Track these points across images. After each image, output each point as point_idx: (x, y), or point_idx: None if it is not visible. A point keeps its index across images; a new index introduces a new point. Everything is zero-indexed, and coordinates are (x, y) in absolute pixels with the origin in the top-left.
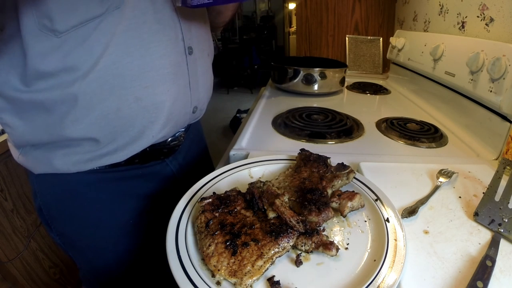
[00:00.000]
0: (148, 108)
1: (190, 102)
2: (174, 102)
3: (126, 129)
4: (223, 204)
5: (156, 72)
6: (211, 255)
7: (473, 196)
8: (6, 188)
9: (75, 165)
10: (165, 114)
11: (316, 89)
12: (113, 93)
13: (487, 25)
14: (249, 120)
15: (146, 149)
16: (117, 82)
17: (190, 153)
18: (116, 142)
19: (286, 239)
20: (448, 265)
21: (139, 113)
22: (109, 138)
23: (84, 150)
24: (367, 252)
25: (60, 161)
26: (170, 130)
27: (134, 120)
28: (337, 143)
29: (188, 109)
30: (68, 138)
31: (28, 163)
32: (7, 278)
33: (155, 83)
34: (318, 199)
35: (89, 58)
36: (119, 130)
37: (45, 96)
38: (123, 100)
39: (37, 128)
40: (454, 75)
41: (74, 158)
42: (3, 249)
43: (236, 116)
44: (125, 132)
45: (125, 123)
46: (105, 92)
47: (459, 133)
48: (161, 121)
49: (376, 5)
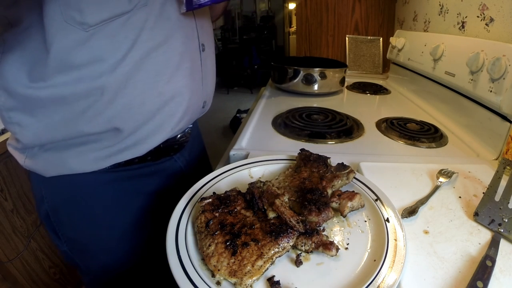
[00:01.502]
0: (169, 102)
1: (202, 96)
2: (191, 96)
3: (147, 122)
4: (223, 204)
5: (177, 67)
6: (211, 255)
7: (473, 196)
8: (6, 188)
9: (93, 163)
10: (184, 108)
11: (316, 89)
12: (137, 87)
13: (487, 25)
14: (249, 120)
15: (160, 145)
16: (142, 76)
17: (194, 149)
18: (136, 135)
19: (286, 239)
20: (448, 265)
21: (160, 107)
22: (130, 131)
23: (103, 145)
24: (367, 252)
25: (75, 159)
26: (185, 124)
27: (155, 114)
28: (337, 143)
29: (200, 103)
30: (87, 133)
31: (37, 166)
32: (7, 278)
33: (176, 78)
34: (318, 199)
35: (117, 53)
36: (141, 123)
37: (67, 90)
38: (147, 94)
39: (52, 125)
40: (454, 75)
41: (91, 155)
42: (3, 249)
43: (236, 116)
44: (146, 125)
45: (147, 116)
46: (130, 86)
47: (459, 133)
48: (179, 114)
49: (376, 5)
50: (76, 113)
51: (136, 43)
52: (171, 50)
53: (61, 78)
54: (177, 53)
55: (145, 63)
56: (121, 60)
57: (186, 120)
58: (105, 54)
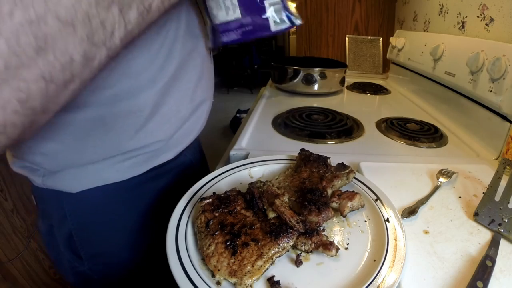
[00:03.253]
0: (200, 106)
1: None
2: (210, 99)
3: (181, 127)
4: (223, 204)
5: (202, 71)
6: (211, 255)
7: (473, 196)
8: (6, 188)
9: (130, 170)
10: (208, 109)
11: (316, 89)
12: (174, 97)
13: (487, 25)
14: (249, 120)
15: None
16: (177, 85)
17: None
18: (172, 141)
19: (286, 239)
20: (448, 265)
21: (192, 111)
22: (167, 138)
23: (140, 153)
24: (367, 252)
25: (111, 169)
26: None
27: (188, 119)
28: (337, 143)
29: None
30: (126, 150)
31: (61, 184)
32: (7, 278)
33: (202, 81)
34: (318, 199)
35: (154, 65)
36: (176, 129)
37: (105, 111)
38: (181, 102)
39: (86, 148)
40: (454, 75)
41: (127, 163)
42: (3, 249)
43: (236, 116)
44: (180, 130)
45: (181, 122)
46: (168, 98)
47: (459, 133)
48: (205, 115)
49: (376, 5)
50: (115, 132)
51: (171, 52)
52: (197, 54)
53: (97, 98)
54: (201, 57)
55: (180, 72)
56: (159, 72)
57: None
58: (141, 68)
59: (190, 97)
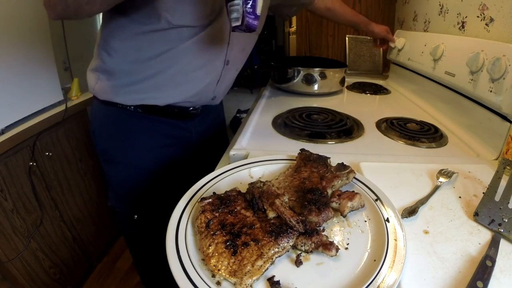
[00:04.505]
0: (187, 83)
1: (213, 92)
2: (204, 87)
3: (172, 88)
4: (223, 204)
5: (201, 67)
6: (211, 255)
7: (473, 196)
8: (6, 188)
9: (132, 100)
10: (194, 92)
11: (316, 89)
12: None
13: (487, 25)
14: (249, 120)
15: (175, 109)
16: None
17: (204, 124)
18: (164, 92)
19: (286, 239)
20: (448, 265)
21: (182, 83)
22: (161, 87)
23: (142, 90)
24: (367, 252)
25: (119, 92)
26: (195, 101)
27: (177, 85)
28: (337, 143)
29: (210, 95)
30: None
31: (97, 90)
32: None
33: (197, 72)
34: (318, 199)
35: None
36: (169, 86)
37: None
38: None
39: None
40: (454, 75)
41: (133, 95)
42: (3, 249)
43: (236, 116)
44: (171, 89)
45: (173, 84)
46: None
47: (459, 133)
48: (190, 94)
49: (376, 5)
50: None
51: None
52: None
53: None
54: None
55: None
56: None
57: (196, 99)
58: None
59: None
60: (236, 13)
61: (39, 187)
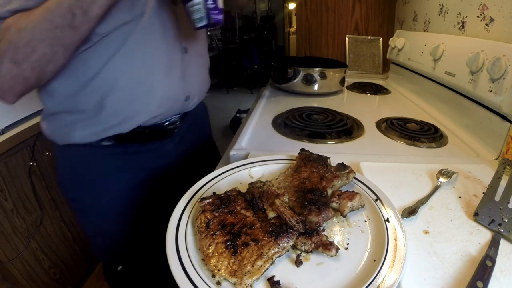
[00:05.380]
0: (146, 91)
1: (182, 91)
2: (168, 90)
3: (129, 104)
4: (223, 204)
5: (156, 64)
6: (211, 255)
7: (473, 196)
8: (6, 188)
9: (91, 136)
10: (159, 98)
11: (316, 89)
12: (124, 76)
13: (487, 25)
14: (249, 120)
15: (146, 130)
16: (128, 68)
17: (187, 138)
18: (122, 114)
19: (286, 239)
20: (448, 265)
21: (139, 93)
22: (119, 111)
23: (99, 122)
24: (367, 252)
25: (78, 132)
26: (166, 112)
27: (136, 98)
28: (337, 143)
29: (180, 97)
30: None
31: (54, 136)
32: (7, 278)
33: (153, 72)
34: (318, 199)
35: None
36: (125, 104)
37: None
38: (131, 80)
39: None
40: (454, 75)
41: (90, 130)
42: (3, 249)
43: (236, 116)
44: (129, 107)
45: (129, 99)
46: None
47: (459, 133)
48: (156, 102)
49: (376, 5)
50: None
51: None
52: (153, 49)
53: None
54: (157, 53)
55: (131, 60)
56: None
57: (165, 109)
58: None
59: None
60: (198, 13)
61: (39, 187)
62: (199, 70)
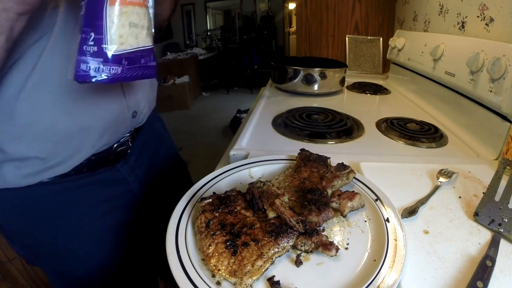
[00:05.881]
0: (81, 121)
1: (126, 107)
2: (109, 112)
3: (64, 143)
4: (223, 204)
5: (84, 87)
6: (211, 255)
7: (473, 196)
8: None
9: (25, 178)
10: (100, 124)
11: (316, 89)
12: (46, 110)
13: (487, 25)
14: (249, 120)
15: (91, 157)
16: (48, 98)
17: (144, 156)
18: (59, 156)
19: (286, 239)
20: (448, 265)
21: (73, 126)
22: (52, 154)
23: (32, 164)
24: (367, 252)
25: (10, 175)
26: (111, 137)
27: (71, 134)
28: (337, 143)
29: (126, 115)
30: (12, 156)
31: None
32: (7, 278)
33: (83, 98)
34: (318, 199)
35: (21, 76)
36: (59, 145)
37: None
38: (56, 116)
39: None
40: (454, 75)
41: (24, 171)
42: (3, 249)
43: (236, 116)
44: (65, 146)
45: (63, 137)
46: (39, 110)
47: (459, 133)
48: (97, 131)
49: (376, 5)
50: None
51: (37, 64)
52: None
53: None
54: None
55: (49, 84)
56: (24, 83)
57: (110, 134)
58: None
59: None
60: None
61: None
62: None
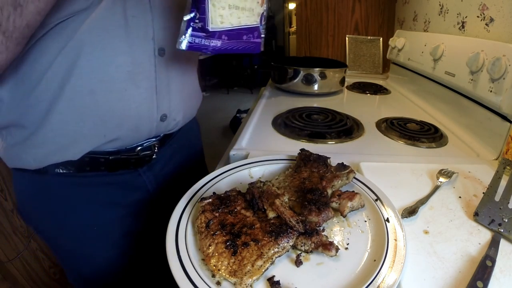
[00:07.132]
0: (101, 104)
1: (155, 108)
2: (130, 104)
3: (77, 122)
4: (223, 204)
5: (115, 68)
6: (211, 255)
7: (473, 196)
8: (6, 188)
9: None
10: (119, 114)
11: (316, 89)
12: (68, 82)
13: (487, 25)
14: (249, 120)
15: (109, 157)
16: (75, 71)
17: (171, 165)
18: (66, 134)
19: (286, 239)
20: (448, 265)
21: (89, 106)
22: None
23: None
24: (367, 252)
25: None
26: (130, 133)
27: (87, 114)
28: (337, 143)
29: (153, 115)
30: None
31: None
32: (7, 278)
33: (111, 79)
34: (318, 199)
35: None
36: (70, 120)
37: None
38: (77, 91)
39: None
40: (454, 75)
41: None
42: (3, 249)
43: (236, 116)
44: (75, 124)
45: (76, 114)
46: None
47: (459, 133)
48: (115, 120)
49: (376, 5)
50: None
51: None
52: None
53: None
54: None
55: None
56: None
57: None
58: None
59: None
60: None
61: None
62: (184, 80)
